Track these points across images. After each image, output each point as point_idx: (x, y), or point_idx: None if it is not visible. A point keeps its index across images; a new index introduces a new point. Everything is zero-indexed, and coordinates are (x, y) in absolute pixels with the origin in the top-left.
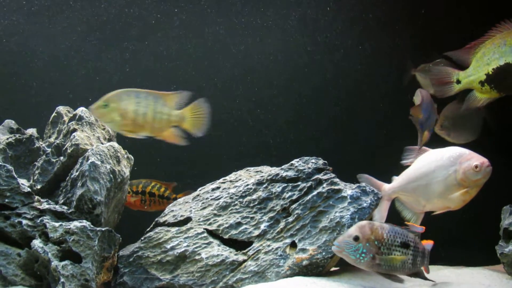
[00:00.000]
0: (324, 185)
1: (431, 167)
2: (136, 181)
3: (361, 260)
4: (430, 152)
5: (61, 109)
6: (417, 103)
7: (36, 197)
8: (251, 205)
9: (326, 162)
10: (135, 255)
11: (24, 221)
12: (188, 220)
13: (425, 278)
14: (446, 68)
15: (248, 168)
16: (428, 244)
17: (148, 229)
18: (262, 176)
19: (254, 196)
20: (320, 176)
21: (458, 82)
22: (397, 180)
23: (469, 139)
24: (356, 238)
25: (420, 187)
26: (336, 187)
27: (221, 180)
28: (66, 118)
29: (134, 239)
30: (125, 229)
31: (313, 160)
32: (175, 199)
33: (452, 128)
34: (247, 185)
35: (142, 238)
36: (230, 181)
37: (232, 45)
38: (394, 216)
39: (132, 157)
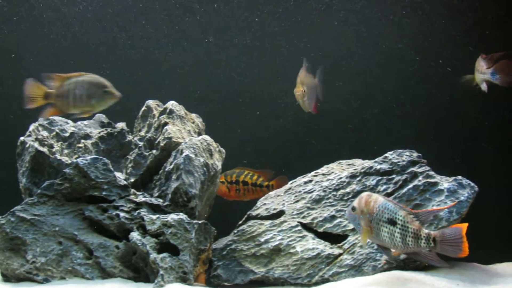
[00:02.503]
0: (420, 178)
1: None
2: (230, 171)
3: (358, 231)
4: None
5: (151, 103)
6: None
7: (132, 190)
8: (345, 198)
9: (420, 154)
10: (228, 248)
11: (122, 214)
12: (281, 213)
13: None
14: None
15: (340, 161)
16: (447, 230)
17: (240, 222)
18: (355, 169)
19: (347, 189)
20: (415, 169)
21: None
22: None
23: None
24: (353, 209)
25: None
26: (432, 180)
27: (313, 173)
28: (156, 112)
29: (220, 232)
30: (210, 221)
31: (407, 153)
32: (268, 186)
33: None
34: (340, 178)
35: (235, 231)
36: (323, 174)
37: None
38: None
39: (224, 150)
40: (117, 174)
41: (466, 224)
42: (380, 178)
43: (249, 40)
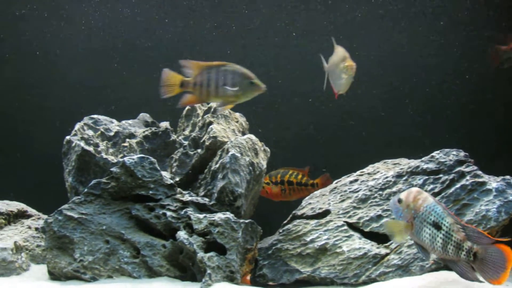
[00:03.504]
0: (468, 177)
1: None
2: (274, 172)
3: None
4: None
5: None
6: None
7: (178, 189)
8: (392, 197)
9: (467, 154)
10: (274, 247)
11: (168, 213)
12: (327, 212)
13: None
14: None
15: (386, 160)
16: (491, 248)
17: (285, 222)
18: (401, 169)
19: (394, 189)
20: (462, 168)
21: None
22: None
23: None
24: (400, 201)
25: None
26: (480, 180)
27: (358, 172)
28: (200, 111)
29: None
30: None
31: (454, 152)
32: (313, 185)
33: None
34: (386, 177)
35: (280, 231)
36: (368, 173)
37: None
38: None
39: (268, 150)
40: (164, 173)
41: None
42: (427, 177)
43: (280, 38)
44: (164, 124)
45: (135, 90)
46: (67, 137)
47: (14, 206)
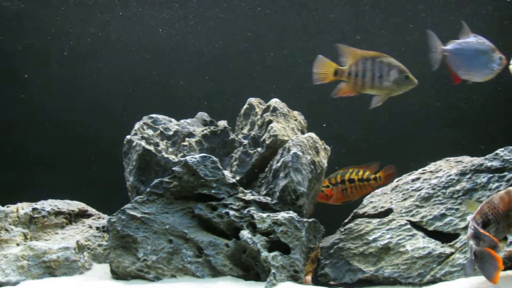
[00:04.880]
0: None
1: None
2: (333, 174)
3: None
4: None
5: (253, 100)
6: None
7: (240, 188)
8: (455, 196)
9: None
10: (335, 246)
11: (231, 212)
12: (389, 211)
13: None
14: None
15: (448, 158)
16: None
17: (346, 221)
18: (464, 167)
19: (457, 187)
20: None
21: None
22: None
23: None
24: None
25: None
26: None
27: (420, 170)
28: (258, 110)
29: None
30: None
31: None
32: (376, 179)
33: None
34: (450, 175)
35: (342, 230)
36: (430, 171)
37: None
38: None
39: (329, 148)
40: (226, 172)
41: None
42: (491, 175)
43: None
44: (222, 123)
45: (192, 89)
46: (128, 137)
47: (75, 205)
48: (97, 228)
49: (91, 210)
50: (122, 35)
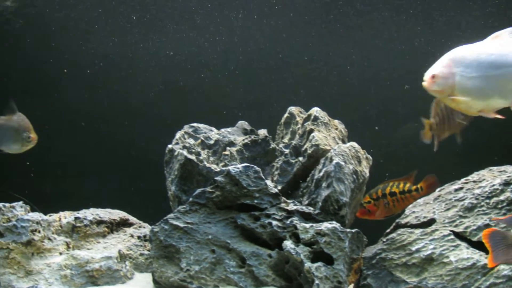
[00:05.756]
0: None
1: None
2: (373, 189)
3: None
4: None
5: (293, 109)
6: None
7: (283, 198)
8: (499, 206)
9: None
10: (378, 257)
11: (274, 222)
12: (432, 221)
13: None
14: None
15: (491, 167)
16: None
17: (388, 231)
18: (508, 176)
19: (501, 197)
20: None
21: None
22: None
23: None
24: None
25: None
26: None
27: (463, 180)
28: (299, 119)
29: None
30: None
31: None
32: (417, 190)
33: None
34: (493, 185)
35: (384, 240)
36: (474, 181)
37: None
38: None
39: (371, 157)
40: (268, 182)
41: None
42: None
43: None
44: (263, 132)
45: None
46: (169, 146)
47: (116, 214)
48: (139, 237)
49: (132, 219)
50: (165, 47)
